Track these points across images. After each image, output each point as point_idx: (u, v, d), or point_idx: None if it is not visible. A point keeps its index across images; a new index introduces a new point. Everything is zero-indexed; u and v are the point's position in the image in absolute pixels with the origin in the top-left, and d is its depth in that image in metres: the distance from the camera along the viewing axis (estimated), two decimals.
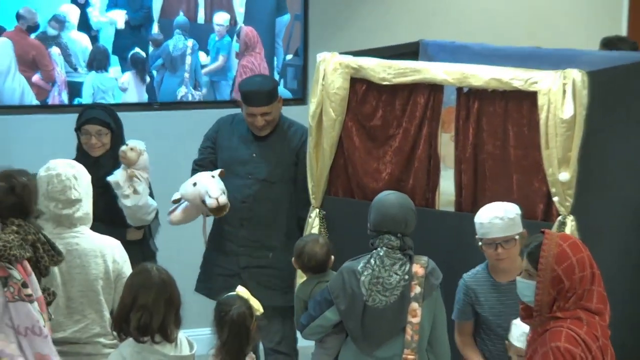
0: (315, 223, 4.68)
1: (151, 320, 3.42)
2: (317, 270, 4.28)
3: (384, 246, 4.00)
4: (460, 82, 4.39)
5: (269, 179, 4.78)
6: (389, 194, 4.11)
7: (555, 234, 3.43)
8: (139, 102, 5.72)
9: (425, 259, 4.05)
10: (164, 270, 3.55)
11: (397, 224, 4.02)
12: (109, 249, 3.91)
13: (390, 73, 4.51)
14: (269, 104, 4.74)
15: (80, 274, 3.84)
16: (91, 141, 4.57)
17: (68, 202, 3.88)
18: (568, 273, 3.34)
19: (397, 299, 4.00)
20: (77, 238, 3.88)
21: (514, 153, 4.34)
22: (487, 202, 4.32)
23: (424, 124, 4.52)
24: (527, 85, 4.24)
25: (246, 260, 4.80)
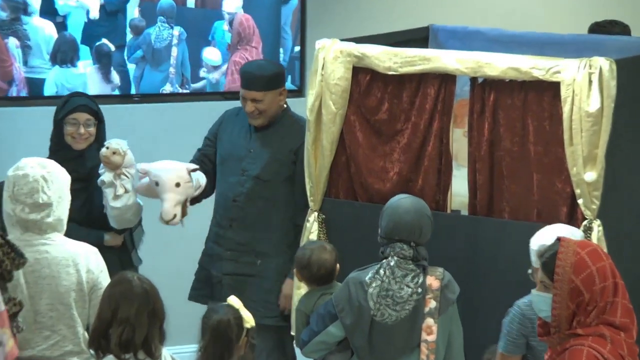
0: (313, 228, 4.60)
1: (134, 335, 3.37)
2: (325, 280, 4.24)
3: (395, 255, 3.99)
4: (474, 72, 4.35)
5: (262, 176, 4.72)
6: (403, 198, 4.09)
7: (573, 241, 3.37)
8: (118, 93, 5.50)
9: (441, 270, 4.03)
10: (146, 279, 3.49)
11: (411, 231, 4.00)
12: (83, 257, 3.84)
13: (396, 62, 4.46)
14: (262, 91, 4.68)
15: (50, 285, 3.77)
16: (79, 131, 4.53)
17: (35, 206, 3.79)
18: (587, 284, 3.27)
19: (408, 314, 3.98)
20: (47, 245, 3.81)
21: (534, 150, 4.30)
22: (504, 204, 4.35)
23: (435, 118, 4.48)
24: (549, 75, 4.20)
25: (231, 266, 4.73)
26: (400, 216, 3.99)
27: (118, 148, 4.45)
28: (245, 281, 4.71)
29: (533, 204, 4.27)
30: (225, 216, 4.72)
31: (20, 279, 3.70)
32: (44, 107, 5.27)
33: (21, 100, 5.48)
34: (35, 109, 5.41)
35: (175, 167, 4.53)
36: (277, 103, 4.73)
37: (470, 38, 5.02)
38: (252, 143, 4.75)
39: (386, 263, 3.98)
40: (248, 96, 4.68)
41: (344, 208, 4.60)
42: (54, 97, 5.40)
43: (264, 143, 4.75)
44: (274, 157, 4.73)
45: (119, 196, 4.46)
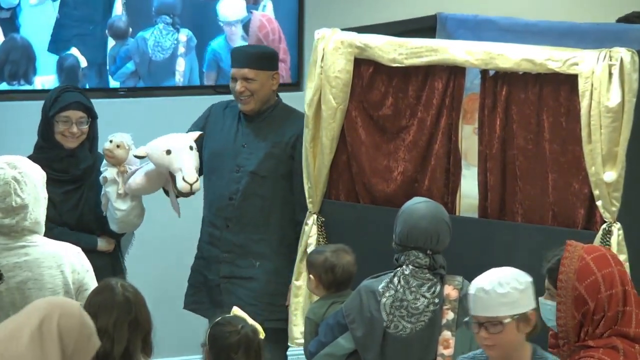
0: (312, 231, 4.61)
1: (112, 347, 3.32)
2: (345, 285, 4.25)
3: (410, 264, 3.98)
4: (485, 64, 4.34)
5: (259, 172, 4.72)
6: (419, 203, 4.07)
7: (580, 246, 3.37)
8: (102, 86, 5.20)
9: (460, 279, 4.00)
10: (130, 287, 3.45)
11: (427, 239, 3.98)
12: (67, 257, 3.81)
13: (402, 53, 4.46)
14: (253, 68, 4.68)
15: (33, 289, 3.75)
16: (72, 129, 4.50)
17: (9, 211, 3.76)
18: (591, 292, 3.27)
19: (424, 326, 3.96)
20: (27, 248, 3.78)
21: (550, 148, 4.28)
22: (517, 207, 4.36)
23: (442, 113, 4.47)
24: (566, 67, 4.19)
25: (228, 269, 4.74)
26: (415, 222, 3.97)
27: (122, 141, 4.44)
28: (242, 284, 4.71)
29: (548, 206, 4.27)
30: (220, 216, 4.73)
31: (0, 287, 3.68)
32: (28, 102, 5.22)
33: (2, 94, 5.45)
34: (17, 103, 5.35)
35: (179, 135, 4.54)
36: (269, 88, 4.74)
37: (480, 27, 5.04)
38: (244, 137, 4.76)
39: (400, 272, 3.98)
40: (238, 75, 4.66)
41: (345, 210, 4.61)
42: (41, 91, 5.20)
43: (258, 137, 4.75)
44: (270, 152, 4.73)
45: (122, 195, 4.45)
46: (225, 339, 3.51)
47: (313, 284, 4.30)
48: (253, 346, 3.51)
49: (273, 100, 4.79)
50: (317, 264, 4.27)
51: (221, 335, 3.52)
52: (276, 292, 4.67)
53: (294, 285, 4.60)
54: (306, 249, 4.59)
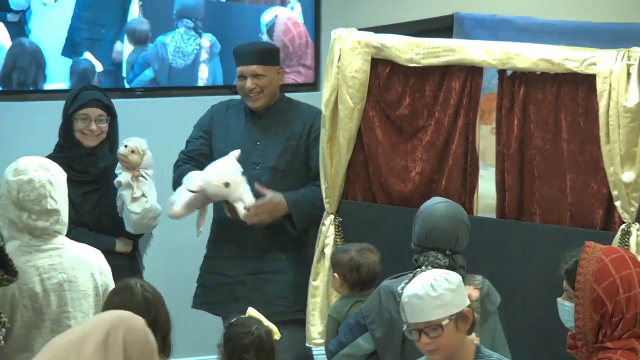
0: (329, 232, 4.61)
1: None
2: (370, 284, 4.23)
3: (429, 265, 3.93)
4: (502, 64, 4.34)
5: (278, 166, 4.74)
6: (438, 203, 4.04)
7: (598, 247, 3.34)
8: (118, 86, 5.13)
9: (480, 279, 3.98)
10: (150, 286, 3.44)
11: (446, 239, 3.95)
12: (94, 259, 3.82)
13: (418, 53, 4.46)
14: (262, 64, 4.70)
15: (67, 291, 3.74)
16: (91, 127, 4.48)
17: (43, 213, 3.74)
18: (609, 293, 3.25)
19: None
20: (59, 250, 3.77)
21: (568, 148, 4.28)
22: (535, 207, 4.36)
23: (460, 113, 4.46)
24: (584, 67, 4.18)
25: (254, 265, 4.75)
26: (434, 223, 3.94)
27: (137, 147, 4.44)
28: (269, 279, 4.74)
29: (566, 207, 4.26)
30: None
31: (37, 288, 3.68)
32: (43, 102, 5.21)
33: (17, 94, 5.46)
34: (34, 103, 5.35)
35: (226, 165, 4.60)
36: (276, 83, 4.77)
37: (498, 27, 5.07)
38: (256, 134, 4.77)
39: (420, 272, 3.89)
40: (247, 72, 4.68)
41: (362, 210, 4.59)
42: (56, 91, 5.19)
43: (269, 132, 4.76)
44: (286, 146, 4.74)
45: (137, 199, 4.45)
46: (238, 340, 3.51)
47: (338, 282, 4.29)
48: (266, 347, 3.51)
49: (278, 95, 4.81)
50: (343, 263, 4.25)
51: (235, 336, 3.52)
52: (305, 282, 4.67)
53: (311, 285, 4.60)
54: (323, 249, 4.59)
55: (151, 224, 4.53)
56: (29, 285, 3.64)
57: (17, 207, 3.71)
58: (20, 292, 3.64)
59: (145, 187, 4.47)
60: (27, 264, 3.66)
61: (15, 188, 3.72)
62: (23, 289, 3.64)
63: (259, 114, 4.77)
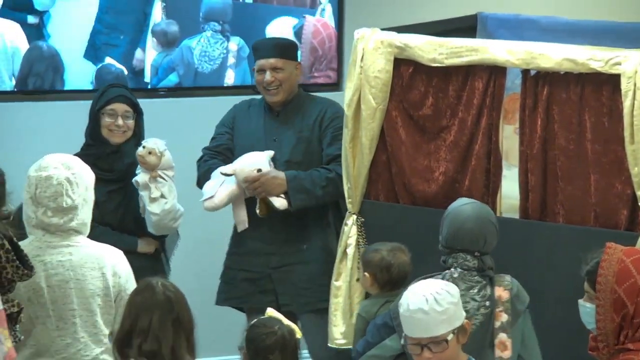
0: (352, 232, 4.61)
1: (160, 346, 3.32)
2: (400, 284, 4.20)
3: (458, 267, 3.93)
4: (526, 64, 4.33)
5: (293, 158, 4.77)
6: (465, 204, 4.03)
7: (619, 248, 3.31)
8: (140, 87, 5.10)
9: (509, 279, 3.97)
10: (171, 285, 3.44)
11: (474, 241, 3.95)
12: (109, 260, 3.82)
13: (442, 53, 4.45)
14: (280, 57, 4.73)
15: (74, 289, 3.75)
16: (117, 122, 4.52)
17: (59, 210, 3.77)
18: (630, 295, 3.23)
19: (475, 330, 3.87)
20: (71, 247, 3.79)
21: (592, 149, 4.27)
22: (558, 208, 4.32)
23: (483, 113, 4.45)
24: (608, 67, 4.17)
25: (277, 259, 4.78)
26: (461, 224, 3.93)
27: (155, 148, 4.44)
28: (292, 270, 4.76)
29: (590, 207, 4.25)
30: None
31: (42, 283, 3.70)
32: (64, 102, 5.23)
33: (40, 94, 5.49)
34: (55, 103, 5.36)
35: (258, 155, 4.66)
36: (295, 78, 4.80)
37: (521, 27, 5.02)
38: (273, 131, 4.79)
39: (449, 275, 3.92)
40: (267, 65, 4.70)
41: (384, 211, 4.59)
42: (76, 91, 5.21)
43: (286, 126, 4.79)
44: (299, 137, 4.77)
45: (155, 200, 4.46)
46: (261, 341, 3.50)
47: (368, 282, 4.28)
48: (289, 346, 3.50)
49: (297, 91, 4.83)
50: (374, 263, 4.24)
51: (257, 337, 3.51)
52: (328, 271, 4.68)
53: (333, 286, 4.60)
54: (345, 249, 4.59)
55: (172, 226, 4.54)
56: (35, 279, 3.66)
57: (34, 202, 3.75)
58: (25, 286, 3.65)
59: (165, 188, 4.48)
60: (36, 258, 3.69)
61: (34, 184, 3.76)
62: (28, 282, 3.65)
63: (276, 111, 4.80)
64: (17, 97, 5.36)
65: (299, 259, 4.76)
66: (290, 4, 5.11)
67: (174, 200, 4.51)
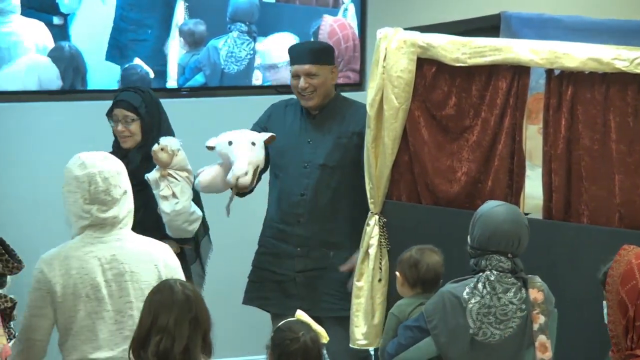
0: (374, 232, 4.60)
1: (173, 345, 3.33)
2: (432, 285, 4.18)
3: (493, 269, 3.91)
4: (550, 63, 4.31)
5: (328, 163, 4.77)
6: (498, 206, 4.00)
7: (633, 249, 3.31)
8: (164, 86, 5.13)
9: (540, 280, 3.96)
10: (190, 285, 3.46)
11: (509, 242, 3.92)
12: (160, 252, 3.86)
13: (465, 52, 4.45)
14: (315, 63, 4.74)
15: (129, 282, 3.78)
16: (118, 128, 4.54)
17: (113, 203, 3.81)
18: (632, 296, 3.24)
19: (513, 333, 3.90)
20: (121, 241, 3.83)
21: (617, 149, 4.26)
22: (582, 208, 4.31)
23: (506, 113, 4.45)
24: (633, 67, 4.16)
25: (302, 263, 4.80)
26: (497, 226, 3.90)
27: (167, 145, 4.44)
28: (317, 275, 4.77)
29: (615, 208, 4.23)
30: (291, 212, 4.78)
31: (98, 278, 3.73)
32: (83, 102, 5.26)
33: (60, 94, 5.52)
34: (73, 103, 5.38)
35: (249, 131, 4.63)
36: (330, 82, 4.79)
37: (546, 26, 4.98)
38: (308, 133, 4.80)
39: (485, 277, 3.90)
40: (301, 71, 4.72)
41: (406, 211, 4.58)
42: (94, 91, 5.20)
43: (322, 130, 4.80)
44: (336, 142, 4.77)
45: (166, 198, 4.46)
46: (285, 347, 3.52)
47: (399, 281, 4.25)
48: (312, 353, 3.52)
49: (333, 94, 4.83)
50: (403, 260, 4.22)
51: (282, 342, 3.54)
52: (351, 280, 4.68)
53: (355, 286, 4.60)
54: (367, 250, 4.58)
55: (186, 228, 4.53)
56: (91, 275, 3.71)
57: (89, 200, 3.77)
58: (82, 282, 3.70)
59: (177, 188, 4.47)
60: (90, 254, 3.73)
61: (85, 181, 3.77)
62: (85, 279, 3.71)
63: (313, 114, 4.81)
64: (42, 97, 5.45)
65: (324, 265, 4.78)
66: (313, 4, 5.09)
67: (187, 201, 4.50)
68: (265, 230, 4.90)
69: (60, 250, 3.76)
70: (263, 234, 4.90)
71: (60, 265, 3.70)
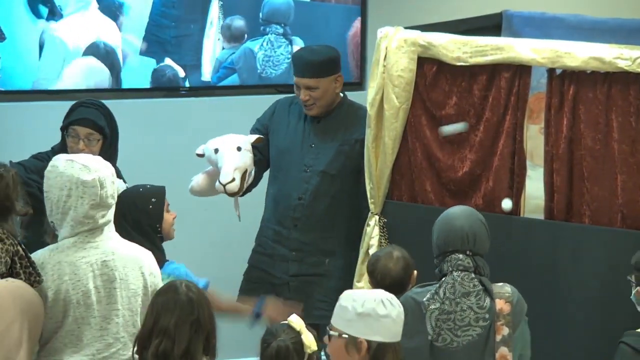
0: (374, 233, 4.62)
1: (172, 347, 3.35)
2: (395, 289, 4.07)
3: (453, 269, 3.83)
4: (551, 62, 4.32)
5: (329, 170, 4.75)
6: (452, 208, 3.99)
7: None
8: (165, 86, 5.14)
9: (509, 289, 3.84)
10: (194, 287, 3.47)
11: (465, 239, 3.84)
12: (145, 259, 3.84)
13: (466, 52, 4.45)
14: (315, 77, 4.70)
15: (119, 289, 3.75)
16: (78, 146, 4.37)
17: (110, 206, 3.79)
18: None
19: (473, 341, 3.82)
20: (111, 241, 3.79)
21: (619, 149, 4.26)
22: (584, 208, 4.31)
23: (508, 113, 4.45)
24: (636, 66, 4.17)
25: (297, 267, 4.79)
26: (451, 225, 3.84)
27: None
28: (311, 281, 4.76)
29: (617, 208, 4.23)
30: (288, 215, 4.76)
31: (90, 285, 3.71)
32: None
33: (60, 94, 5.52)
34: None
35: (235, 135, 4.65)
36: (332, 91, 4.74)
37: (548, 25, 5.00)
38: (311, 137, 4.78)
39: (446, 282, 3.82)
40: (301, 84, 4.70)
41: (407, 211, 4.59)
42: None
43: (326, 136, 4.77)
44: (339, 149, 4.75)
45: None
46: (263, 349, 3.54)
47: (370, 286, 4.23)
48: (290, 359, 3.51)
49: (338, 100, 4.80)
50: (367, 267, 4.21)
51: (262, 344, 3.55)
52: (346, 288, 4.63)
53: (354, 287, 4.59)
54: (367, 250, 4.58)
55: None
56: (83, 281, 3.68)
57: (100, 205, 3.72)
58: (74, 289, 3.68)
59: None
60: (82, 260, 3.70)
61: (97, 185, 3.71)
62: (77, 285, 3.68)
63: (318, 118, 4.79)
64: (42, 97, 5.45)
65: (318, 271, 4.77)
66: (349, 2, 5.21)
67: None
68: (262, 229, 4.90)
69: (51, 254, 3.71)
70: (260, 233, 4.90)
71: (53, 270, 3.66)
